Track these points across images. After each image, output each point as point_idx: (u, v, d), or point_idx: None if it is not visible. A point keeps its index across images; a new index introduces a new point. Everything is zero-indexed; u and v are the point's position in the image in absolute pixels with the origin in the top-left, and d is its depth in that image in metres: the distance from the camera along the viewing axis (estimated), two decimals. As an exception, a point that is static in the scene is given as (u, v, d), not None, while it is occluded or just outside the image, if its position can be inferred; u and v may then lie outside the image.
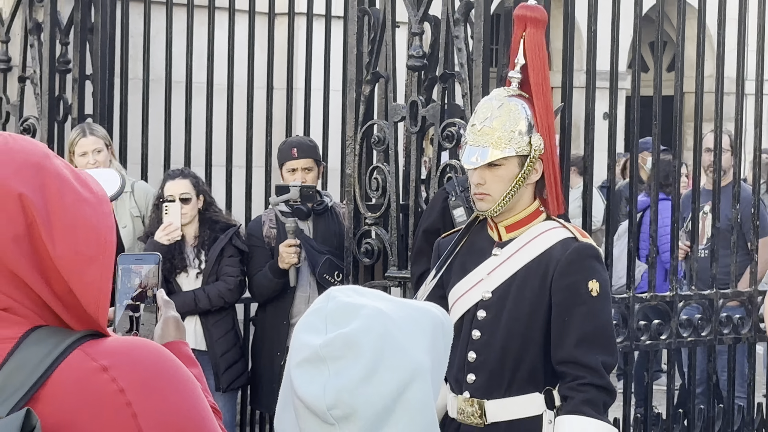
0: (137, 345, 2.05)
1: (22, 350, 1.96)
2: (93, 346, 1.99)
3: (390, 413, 2.11)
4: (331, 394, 2.09)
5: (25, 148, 2.05)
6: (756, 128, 8.31)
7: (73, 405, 1.93)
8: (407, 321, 2.19)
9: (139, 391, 1.96)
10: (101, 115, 8.65)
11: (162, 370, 2.02)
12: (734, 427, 8.11)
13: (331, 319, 2.15)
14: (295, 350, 2.17)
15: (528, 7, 5.16)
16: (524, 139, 4.76)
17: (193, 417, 2.03)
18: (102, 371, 1.95)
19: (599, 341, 4.64)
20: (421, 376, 2.15)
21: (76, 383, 1.94)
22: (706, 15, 7.96)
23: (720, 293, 8.02)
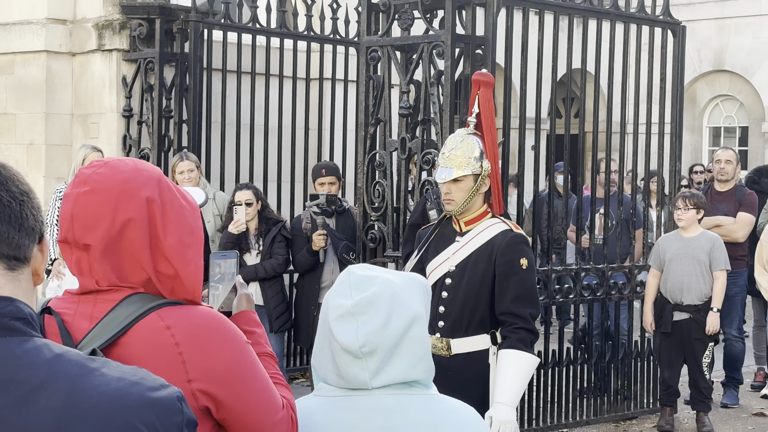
0: (198, 312, 2.00)
1: (117, 309, 1.95)
2: (166, 312, 1.96)
3: (399, 346, 2.13)
4: (362, 337, 2.10)
5: (148, 169, 2.05)
6: (634, 156, 8.31)
7: (141, 351, 1.91)
8: (406, 285, 2.21)
9: (189, 345, 1.92)
10: (193, 147, 8.63)
11: (212, 330, 1.97)
12: (619, 356, 8.10)
13: (355, 287, 2.16)
14: (331, 309, 2.16)
15: (481, 74, 5.14)
16: (478, 163, 4.75)
17: (234, 367, 1.97)
18: (166, 329, 1.93)
19: (528, 299, 4.62)
20: (418, 319, 2.17)
21: (146, 336, 1.92)
22: (600, 79, 7.96)
23: (609, 266, 8.01)
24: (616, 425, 7.98)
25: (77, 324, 1.96)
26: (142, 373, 1.54)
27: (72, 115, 9.33)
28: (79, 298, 2.00)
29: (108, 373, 1.51)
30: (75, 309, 1.98)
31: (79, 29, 9.26)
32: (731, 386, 8.61)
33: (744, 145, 18.97)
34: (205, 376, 1.93)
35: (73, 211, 1.98)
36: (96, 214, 1.97)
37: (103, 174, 2.00)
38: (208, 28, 8.68)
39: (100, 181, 1.99)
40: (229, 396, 1.96)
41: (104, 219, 1.96)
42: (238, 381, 1.98)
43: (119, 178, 1.99)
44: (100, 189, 1.98)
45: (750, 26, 18.34)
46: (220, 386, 1.95)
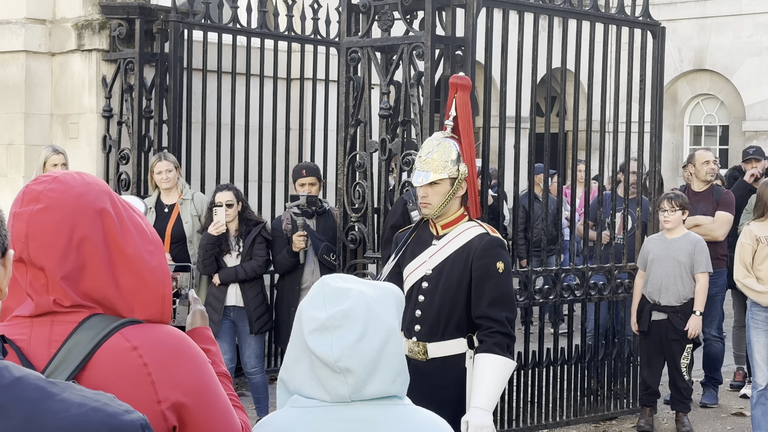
0: (162, 331, 1.94)
1: (79, 332, 1.88)
2: (130, 331, 1.89)
3: (378, 362, 2.10)
4: (337, 351, 2.07)
5: (97, 181, 1.98)
6: (613, 156, 8.29)
7: (110, 374, 1.85)
8: (381, 298, 2.17)
9: (157, 365, 1.87)
10: (173, 147, 8.57)
11: (178, 349, 1.92)
12: (599, 357, 8.09)
13: (329, 299, 2.12)
14: (306, 321, 2.12)
15: (458, 77, 5.11)
16: (454, 166, 4.71)
17: (199, 385, 1.93)
18: (132, 350, 1.87)
19: (504, 302, 4.59)
20: (394, 334, 2.14)
21: (113, 358, 1.86)
22: (580, 78, 7.94)
23: (589, 267, 7.99)
24: (595, 425, 7.96)
25: (35, 349, 1.88)
26: (106, 399, 1.49)
27: (51, 116, 9.25)
28: (32, 321, 1.91)
29: (69, 398, 1.46)
30: (29, 333, 1.90)
31: (58, 29, 9.19)
32: (710, 386, 8.62)
33: (725, 144, 19.02)
34: (173, 396, 1.88)
35: (28, 231, 1.90)
36: (53, 232, 1.89)
37: (56, 190, 1.92)
38: (188, 28, 8.62)
39: (54, 197, 1.91)
40: (195, 415, 1.92)
41: (62, 237, 1.89)
42: (203, 400, 1.94)
43: (73, 193, 1.92)
44: (54, 206, 1.90)
45: (730, 26, 18.38)
46: (187, 406, 1.90)
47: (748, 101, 18.31)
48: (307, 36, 9.38)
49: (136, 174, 8.69)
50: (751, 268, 6.99)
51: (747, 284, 6.96)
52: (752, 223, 7.09)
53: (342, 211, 7.39)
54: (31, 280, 1.91)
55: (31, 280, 1.91)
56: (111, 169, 8.92)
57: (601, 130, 8.16)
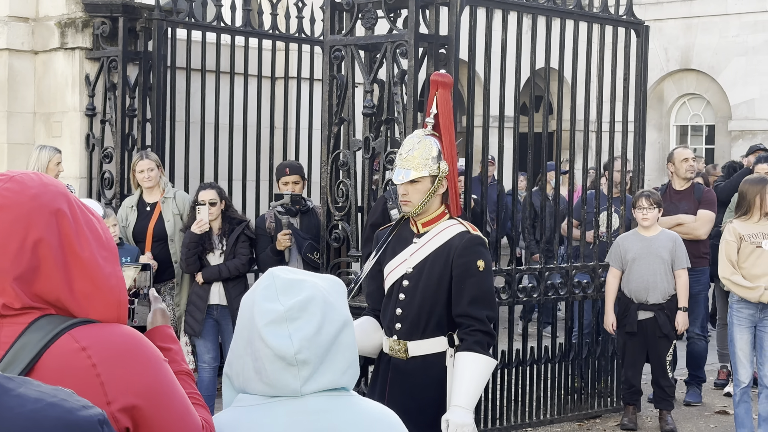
0: (113, 330, 1.89)
1: (27, 333, 1.84)
2: (79, 331, 1.85)
3: (330, 352, 2.07)
4: (297, 342, 2.03)
5: (55, 182, 1.94)
6: (597, 155, 8.29)
7: (59, 375, 1.80)
8: (332, 289, 2.14)
9: (106, 365, 1.82)
10: (157, 146, 8.54)
11: (129, 349, 1.87)
12: (583, 355, 8.09)
13: (282, 291, 2.08)
14: (260, 314, 2.07)
15: (439, 75, 5.10)
16: (435, 164, 4.70)
17: (153, 385, 1.87)
18: (81, 351, 1.82)
19: (484, 301, 4.58)
20: (348, 324, 2.12)
21: (61, 359, 1.82)
22: (563, 77, 7.93)
23: (573, 266, 7.99)
24: (579, 424, 7.96)
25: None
26: (63, 394, 1.46)
27: (34, 114, 9.21)
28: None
29: (25, 393, 1.43)
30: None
31: (41, 27, 9.14)
32: (694, 384, 8.63)
33: (711, 143, 19.06)
34: (124, 397, 1.84)
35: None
36: (6, 232, 1.85)
37: (12, 189, 1.88)
38: (171, 26, 8.59)
39: (9, 197, 1.87)
40: (149, 417, 1.87)
41: (15, 237, 1.85)
42: (157, 401, 1.88)
43: (29, 193, 1.88)
44: (9, 205, 1.86)
45: (717, 25, 18.42)
46: (139, 407, 1.86)
47: (734, 101, 18.36)
48: (292, 34, 9.35)
49: (119, 173, 8.65)
50: (736, 265, 7.01)
51: (735, 281, 6.98)
52: (735, 221, 7.10)
53: (325, 209, 7.37)
54: None
55: None
56: (94, 167, 8.88)
57: (585, 129, 8.15)
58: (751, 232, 7.03)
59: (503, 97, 7.49)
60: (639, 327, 7.63)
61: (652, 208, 7.60)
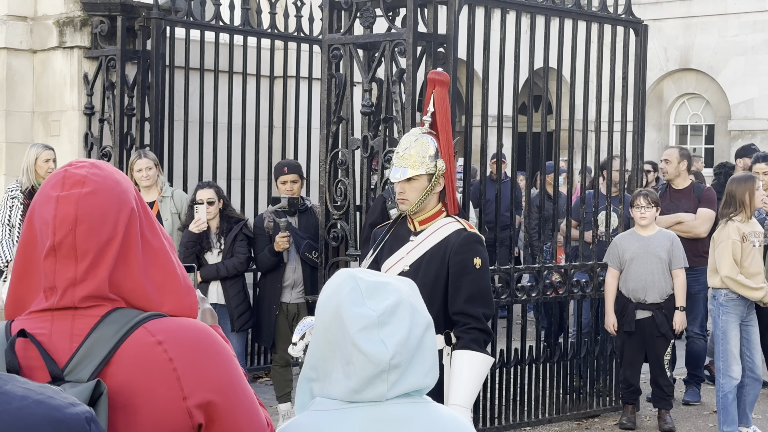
0: (187, 325, 1.87)
1: (101, 326, 1.82)
2: (154, 325, 1.83)
3: (415, 356, 2.05)
4: (392, 348, 2.01)
5: (122, 174, 1.93)
6: (596, 154, 8.29)
7: (134, 369, 1.79)
8: (412, 291, 2.14)
9: (183, 360, 1.81)
10: (155, 145, 8.54)
11: (204, 344, 1.85)
12: (581, 354, 8.08)
13: (368, 295, 2.06)
14: (352, 320, 2.03)
15: (437, 73, 5.10)
16: (432, 162, 4.70)
17: (226, 380, 1.86)
18: (158, 344, 1.81)
19: (481, 299, 4.57)
20: (430, 327, 2.11)
21: (137, 353, 1.80)
22: (562, 76, 7.92)
23: (572, 265, 7.98)
24: (578, 423, 7.95)
25: (57, 344, 1.82)
26: (50, 392, 1.44)
27: (33, 113, 9.21)
28: (53, 314, 1.84)
29: (11, 391, 1.41)
30: (49, 327, 1.83)
31: (39, 26, 9.14)
32: (693, 383, 8.62)
33: (710, 143, 19.06)
34: (200, 392, 1.82)
35: (77, 214, 1.82)
36: (101, 216, 1.84)
37: (99, 174, 1.87)
38: (170, 25, 8.58)
39: (99, 182, 1.86)
40: (223, 412, 1.85)
41: (108, 222, 1.84)
42: (230, 397, 1.87)
43: (112, 179, 1.88)
44: (101, 190, 1.85)
45: (716, 25, 18.41)
46: (214, 402, 1.83)
47: (734, 100, 18.35)
48: (290, 33, 9.35)
49: (118, 172, 8.64)
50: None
51: (740, 281, 7.00)
52: (736, 220, 7.09)
53: (324, 208, 7.36)
54: (59, 271, 1.84)
55: (59, 271, 1.84)
56: (93, 166, 8.87)
57: (583, 128, 8.14)
58: (747, 230, 7.06)
59: (502, 96, 7.48)
60: (637, 326, 7.62)
61: (650, 207, 7.60)
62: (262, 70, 9.17)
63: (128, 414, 1.76)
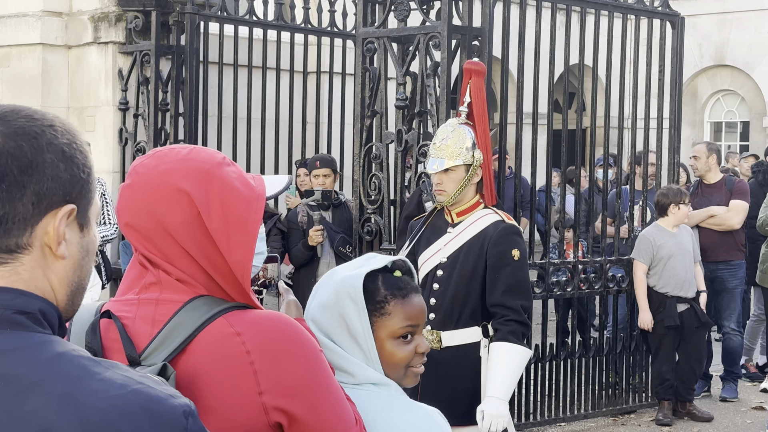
0: (269, 317, 1.82)
1: (182, 313, 1.80)
2: (234, 316, 1.79)
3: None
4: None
5: (200, 158, 1.86)
6: (632, 148, 8.21)
7: (210, 359, 1.76)
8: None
9: (262, 354, 1.76)
10: (189, 140, 8.53)
11: (286, 338, 1.80)
12: (617, 350, 8.00)
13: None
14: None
15: (472, 63, 5.06)
16: (469, 153, 4.65)
17: (309, 378, 1.80)
18: (236, 335, 1.76)
19: (519, 291, 4.53)
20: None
21: (215, 343, 1.77)
22: (598, 73, 7.85)
23: (607, 259, 7.91)
24: (614, 419, 7.88)
25: (138, 328, 1.81)
26: (152, 382, 1.39)
27: (68, 108, 9.24)
28: (139, 299, 1.84)
29: (111, 378, 1.36)
30: (135, 312, 1.83)
31: (74, 22, 9.17)
32: (730, 380, 8.52)
33: (745, 140, 18.87)
34: (278, 389, 1.77)
35: (119, 206, 1.86)
36: (136, 209, 1.84)
37: (147, 165, 1.86)
38: (204, 20, 8.58)
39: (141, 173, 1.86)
40: (304, 410, 1.80)
41: (144, 215, 1.83)
42: (313, 394, 1.81)
43: (159, 169, 1.84)
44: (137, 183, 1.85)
45: (751, 21, 18.22)
46: (294, 400, 1.79)
47: (769, 97, 18.16)
48: (324, 28, 9.33)
49: (152, 167, 8.65)
50: None
51: None
52: None
53: (358, 202, 7.33)
54: (145, 247, 1.86)
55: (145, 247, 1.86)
56: (127, 162, 8.89)
57: (619, 124, 8.07)
58: None
59: (537, 90, 7.42)
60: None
61: (687, 204, 7.65)
62: (295, 65, 9.16)
63: (200, 404, 1.71)
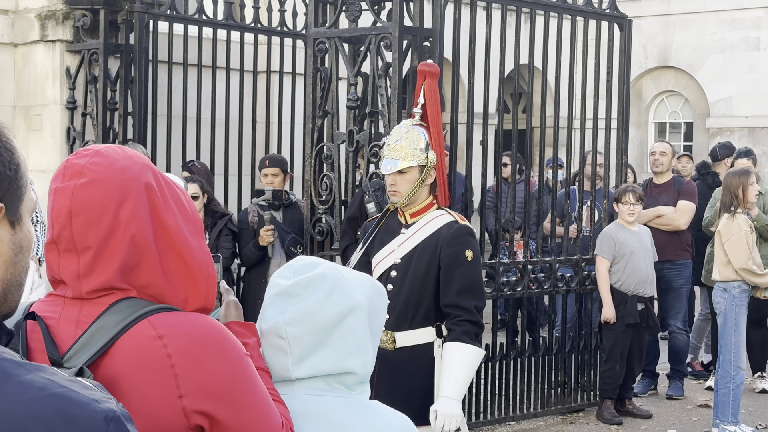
0: (193, 320, 1.79)
1: (106, 315, 1.78)
2: (158, 319, 1.77)
3: (331, 335, 2.02)
4: (288, 315, 2.00)
5: (139, 155, 1.87)
6: (580, 149, 8.28)
7: (131, 362, 1.74)
8: (353, 275, 2.12)
9: (183, 357, 1.74)
10: (138, 139, 8.45)
11: (209, 342, 1.77)
12: (566, 349, 8.07)
13: (298, 271, 2.07)
14: (269, 288, 2.07)
15: (427, 64, 5.07)
16: (423, 154, 4.66)
17: (232, 382, 1.78)
18: (157, 338, 1.74)
19: (473, 291, 4.55)
20: (357, 310, 2.05)
21: (136, 346, 1.74)
22: (547, 75, 7.91)
23: (556, 259, 7.97)
24: (563, 417, 7.95)
25: (63, 329, 1.78)
26: (78, 386, 1.35)
27: (14, 107, 9.11)
28: (65, 300, 1.81)
29: (32, 380, 1.33)
30: (60, 312, 1.80)
31: (21, 19, 9.04)
32: (676, 378, 8.64)
33: (689, 140, 19.12)
34: (198, 392, 1.75)
35: (72, 206, 1.78)
36: (99, 208, 1.78)
37: (100, 163, 1.80)
38: (153, 19, 8.51)
39: (99, 171, 1.79)
40: (226, 414, 1.77)
41: (108, 213, 1.78)
42: (235, 398, 1.79)
43: (117, 166, 1.81)
44: (99, 180, 1.79)
45: (695, 23, 18.47)
46: (215, 403, 1.76)
47: (712, 98, 18.42)
48: (274, 28, 9.29)
49: (100, 166, 8.56)
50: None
51: (754, 270, 7.09)
52: (741, 213, 7.16)
53: (309, 203, 7.32)
54: (63, 264, 1.80)
55: (63, 264, 1.80)
56: (75, 161, 8.79)
57: (568, 124, 8.14)
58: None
59: (487, 91, 7.46)
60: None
61: (638, 204, 7.70)
62: (245, 64, 9.12)
63: None
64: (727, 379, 7.20)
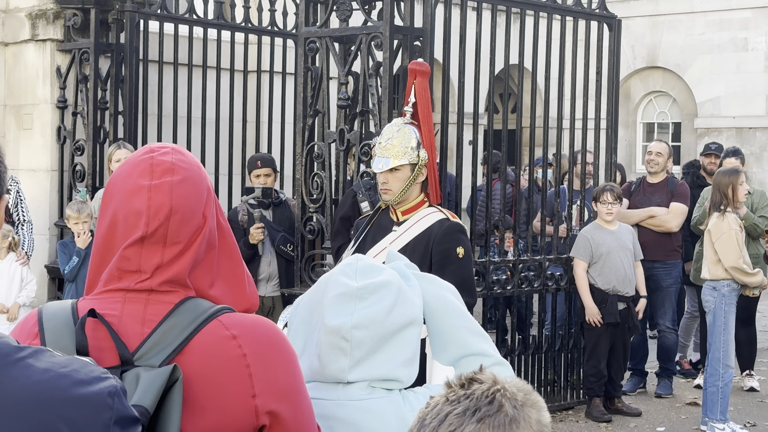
0: (261, 322, 1.85)
1: (176, 314, 1.79)
2: (228, 318, 1.81)
3: (389, 342, 2.06)
4: (356, 318, 2.03)
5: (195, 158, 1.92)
6: (570, 149, 8.31)
7: (207, 361, 1.76)
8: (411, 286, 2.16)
9: (257, 357, 1.78)
10: (129, 139, 8.45)
11: (275, 343, 1.83)
12: (556, 347, 8.11)
13: (361, 272, 2.10)
14: (333, 285, 2.08)
15: (417, 63, 5.10)
16: (414, 152, 4.69)
17: (293, 383, 1.84)
18: (232, 339, 1.78)
19: (464, 288, 4.54)
20: (415, 323, 2.11)
21: (211, 345, 1.77)
22: (537, 75, 7.94)
23: (546, 258, 8.00)
24: (552, 415, 7.96)
25: (127, 327, 1.78)
26: (77, 365, 1.38)
27: (5, 106, 9.11)
28: (125, 296, 1.81)
29: (34, 364, 1.36)
30: (120, 309, 1.80)
31: (12, 19, 9.04)
32: (665, 377, 8.67)
33: (677, 140, 19.19)
34: (269, 392, 1.79)
35: (172, 204, 1.79)
36: (192, 205, 1.81)
37: (184, 161, 1.83)
38: (144, 18, 8.51)
39: (187, 168, 1.82)
40: (289, 413, 1.82)
41: (198, 211, 1.82)
42: (296, 396, 1.85)
43: (196, 164, 1.85)
44: (190, 178, 1.82)
45: (683, 23, 18.55)
46: (281, 402, 1.81)
47: (700, 98, 18.50)
48: (264, 27, 9.31)
49: (91, 165, 8.57)
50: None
51: (744, 269, 7.13)
52: (730, 213, 7.20)
53: (300, 201, 7.34)
54: (146, 255, 1.80)
55: (146, 255, 1.80)
56: (66, 160, 8.79)
57: (558, 124, 8.17)
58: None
59: (477, 91, 7.48)
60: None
61: (616, 203, 7.69)
62: (235, 64, 9.13)
63: (195, 405, 1.73)
64: (715, 377, 7.24)
